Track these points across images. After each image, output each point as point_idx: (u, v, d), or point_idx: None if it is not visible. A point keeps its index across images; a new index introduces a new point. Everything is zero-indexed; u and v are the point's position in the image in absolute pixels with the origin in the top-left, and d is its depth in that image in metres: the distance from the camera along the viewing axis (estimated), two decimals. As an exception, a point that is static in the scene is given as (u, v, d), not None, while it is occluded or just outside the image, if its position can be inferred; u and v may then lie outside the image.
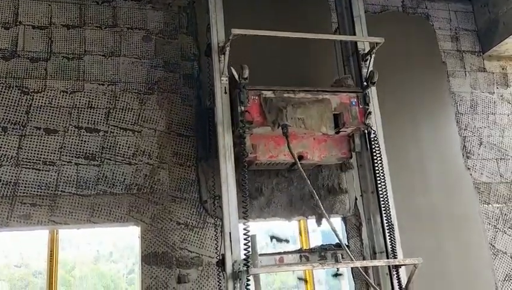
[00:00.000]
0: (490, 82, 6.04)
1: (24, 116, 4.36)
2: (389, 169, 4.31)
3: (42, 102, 4.43)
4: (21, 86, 4.43)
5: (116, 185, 4.38)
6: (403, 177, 4.95)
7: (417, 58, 5.72)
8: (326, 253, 4.31)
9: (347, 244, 4.72)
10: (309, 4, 5.47)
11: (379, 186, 4.16)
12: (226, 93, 4.01)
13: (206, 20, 4.28)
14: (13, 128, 4.30)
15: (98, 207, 4.29)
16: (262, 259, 3.92)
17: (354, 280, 4.72)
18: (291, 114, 3.99)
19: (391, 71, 5.32)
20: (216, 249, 4.19)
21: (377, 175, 4.19)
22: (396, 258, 3.96)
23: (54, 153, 4.33)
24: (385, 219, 4.09)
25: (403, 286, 3.82)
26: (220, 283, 4.07)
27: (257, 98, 4.05)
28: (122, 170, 4.44)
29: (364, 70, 4.48)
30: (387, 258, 4.04)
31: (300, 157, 4.22)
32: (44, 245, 4.25)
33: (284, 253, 4.27)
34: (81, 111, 4.51)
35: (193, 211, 4.50)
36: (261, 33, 4.03)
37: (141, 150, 4.54)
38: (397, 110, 5.28)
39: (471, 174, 5.51)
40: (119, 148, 4.50)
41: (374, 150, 4.24)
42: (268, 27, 4.16)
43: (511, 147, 5.79)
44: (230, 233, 3.61)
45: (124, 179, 4.42)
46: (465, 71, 5.97)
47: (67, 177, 4.30)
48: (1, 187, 4.13)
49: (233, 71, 3.99)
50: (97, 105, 4.56)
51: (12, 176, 4.18)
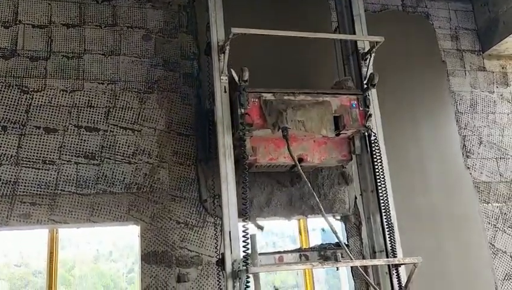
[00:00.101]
0: (490, 81, 6.03)
1: (24, 115, 4.36)
2: (389, 168, 4.30)
3: (42, 101, 4.43)
4: (21, 85, 4.42)
5: (115, 184, 4.38)
6: (403, 176, 4.95)
7: (417, 57, 5.71)
8: (326, 252, 4.32)
9: (347, 243, 4.71)
10: (309, 4, 5.46)
11: (379, 185, 4.16)
12: (226, 92, 4.00)
13: (206, 19, 4.29)
14: (13, 127, 4.30)
15: (98, 206, 4.29)
16: (261, 258, 3.92)
17: (354, 279, 4.71)
18: (291, 116, 3.97)
19: (391, 70, 5.32)
20: (216, 248, 4.20)
21: (377, 174, 4.19)
22: (396, 257, 3.96)
23: (54, 152, 4.33)
24: (385, 218, 4.08)
25: (403, 285, 3.83)
26: (220, 282, 4.07)
27: (257, 101, 4.02)
28: (122, 169, 4.44)
29: (364, 69, 4.48)
30: (386, 257, 4.04)
31: (300, 159, 4.21)
32: (44, 244, 4.25)
33: (284, 252, 4.27)
34: (80, 110, 4.50)
35: (193, 210, 4.49)
36: (261, 32, 4.01)
37: (141, 149, 4.54)
38: (397, 109, 5.28)
39: (471, 173, 5.51)
40: (119, 147, 4.49)
41: (374, 152, 4.22)
42: (268, 26, 4.15)
43: (511, 146, 5.79)
44: (230, 232, 3.61)
45: (124, 178, 4.42)
46: (465, 70, 5.96)
47: (67, 176, 4.29)
48: (1, 186, 4.13)
49: (233, 73, 3.98)
50: (97, 104, 4.56)
51: (12, 175, 4.18)
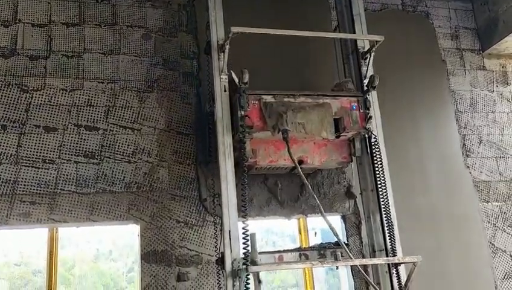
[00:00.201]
0: (490, 80, 6.03)
1: (23, 114, 4.35)
2: (389, 168, 4.30)
3: (41, 100, 4.43)
4: (20, 84, 4.42)
5: (115, 183, 4.38)
6: (403, 176, 4.95)
7: (417, 56, 5.71)
8: (325, 251, 4.32)
9: (346, 242, 4.71)
10: (309, 3, 5.46)
11: (379, 184, 4.15)
12: (226, 91, 4.00)
13: (206, 18, 4.28)
14: (12, 126, 4.30)
15: (98, 205, 4.28)
16: (261, 257, 3.91)
17: (354, 279, 4.71)
18: (291, 119, 3.96)
19: (390, 69, 5.32)
20: (215, 247, 4.20)
21: (377, 174, 4.19)
22: (395, 256, 3.96)
23: (54, 151, 4.32)
24: (385, 217, 4.08)
25: (403, 285, 3.82)
26: (220, 281, 4.07)
27: (257, 103, 4.01)
28: (121, 168, 4.43)
29: (364, 68, 4.48)
30: (386, 256, 4.04)
31: (300, 161, 4.19)
32: (43, 243, 4.24)
33: (284, 251, 4.28)
34: (80, 109, 4.50)
35: (193, 209, 4.49)
36: (261, 31, 4.01)
37: (141, 148, 4.54)
38: (397, 108, 5.28)
39: (470, 172, 5.51)
40: (118, 146, 4.49)
41: (375, 154, 4.21)
42: (268, 26, 4.16)
43: (511, 145, 5.79)
44: (229, 231, 3.61)
45: (124, 177, 4.41)
46: (464, 69, 5.96)
47: (66, 175, 4.29)
48: (0, 185, 4.13)
49: (233, 75, 3.97)
50: (96, 103, 4.56)
51: (11, 174, 4.18)
